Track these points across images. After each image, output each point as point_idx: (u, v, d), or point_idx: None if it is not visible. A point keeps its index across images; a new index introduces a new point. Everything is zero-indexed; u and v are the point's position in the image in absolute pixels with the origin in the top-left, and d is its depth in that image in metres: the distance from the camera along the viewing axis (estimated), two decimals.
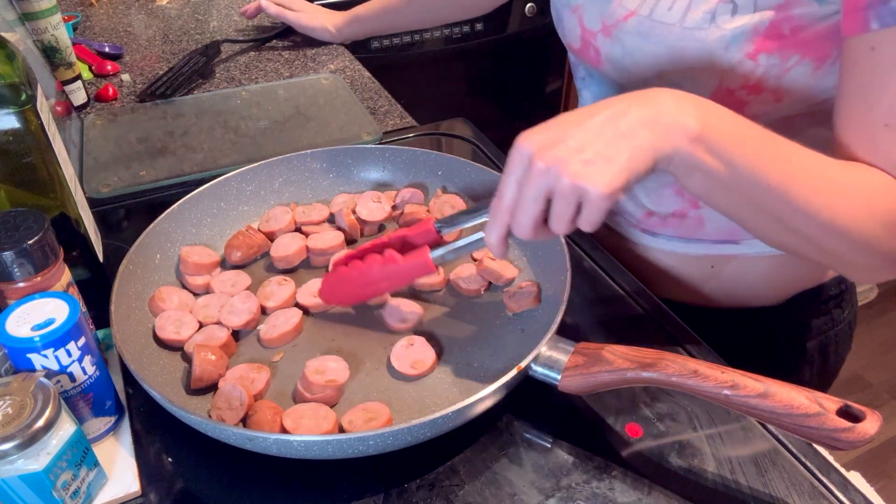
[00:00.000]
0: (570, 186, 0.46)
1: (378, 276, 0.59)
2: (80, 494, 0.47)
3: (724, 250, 0.72)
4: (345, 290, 0.62)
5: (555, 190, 0.47)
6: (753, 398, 0.45)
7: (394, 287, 0.62)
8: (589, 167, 0.46)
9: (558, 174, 0.46)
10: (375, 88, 1.08)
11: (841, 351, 0.81)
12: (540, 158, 0.47)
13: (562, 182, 0.46)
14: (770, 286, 0.74)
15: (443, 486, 0.50)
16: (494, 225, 0.51)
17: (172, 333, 0.59)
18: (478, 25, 1.70)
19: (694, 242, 0.72)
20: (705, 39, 0.58)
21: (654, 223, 0.74)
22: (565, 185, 0.46)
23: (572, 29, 0.70)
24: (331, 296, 0.63)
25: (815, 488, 0.49)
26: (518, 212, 0.49)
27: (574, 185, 0.46)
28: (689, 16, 0.58)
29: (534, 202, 0.48)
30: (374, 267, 0.59)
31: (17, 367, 0.47)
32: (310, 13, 1.19)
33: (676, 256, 0.74)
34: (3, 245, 0.47)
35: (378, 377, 0.57)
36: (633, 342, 0.52)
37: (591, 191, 0.46)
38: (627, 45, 0.63)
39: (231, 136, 0.93)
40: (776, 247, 0.56)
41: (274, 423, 0.51)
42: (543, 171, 0.47)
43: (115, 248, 0.68)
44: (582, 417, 0.55)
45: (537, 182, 0.47)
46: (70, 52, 0.96)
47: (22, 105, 0.53)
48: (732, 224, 0.70)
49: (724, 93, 0.60)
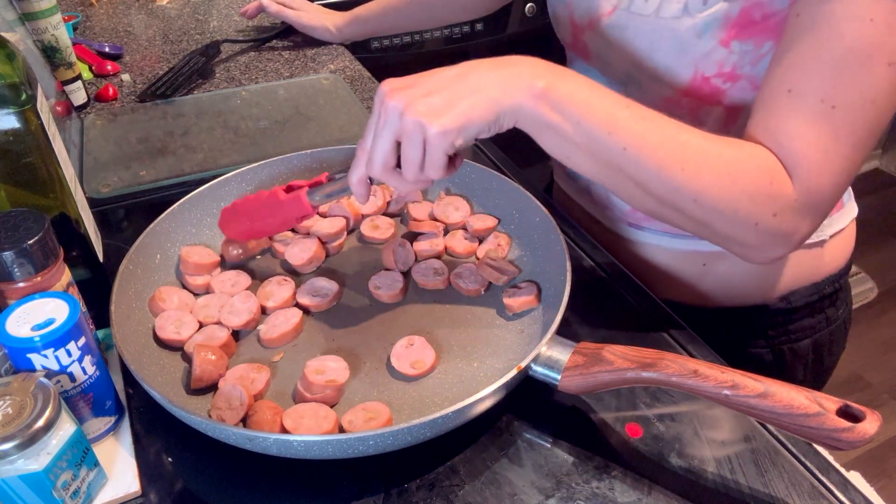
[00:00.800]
0: (412, 123, 0.50)
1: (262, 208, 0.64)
2: (80, 494, 0.47)
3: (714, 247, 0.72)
4: (239, 223, 0.66)
5: (401, 128, 0.51)
6: (753, 398, 0.45)
7: (280, 226, 0.65)
8: (430, 107, 0.50)
9: (402, 112, 0.50)
10: (375, 88, 1.08)
11: (835, 350, 0.81)
12: (390, 98, 0.51)
13: (405, 120, 0.50)
14: (764, 284, 0.74)
15: (443, 486, 0.50)
16: (354, 165, 0.55)
17: (172, 333, 0.59)
18: (478, 25, 1.70)
19: (680, 238, 0.73)
20: (679, 28, 0.60)
21: (639, 216, 0.75)
22: (407, 122, 0.50)
23: (565, 25, 0.73)
24: (227, 226, 0.67)
25: (815, 488, 0.49)
26: (371, 150, 0.53)
27: (415, 122, 0.50)
28: (664, 7, 0.61)
29: (384, 141, 0.52)
30: (260, 198, 0.64)
31: (17, 367, 0.46)
32: (310, 13, 1.19)
33: (668, 253, 0.75)
34: (3, 245, 0.47)
35: (378, 377, 0.57)
36: (633, 342, 0.52)
37: (427, 128, 0.49)
38: (609, 38, 0.66)
39: (231, 136, 0.93)
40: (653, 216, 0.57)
41: (274, 423, 0.51)
42: (391, 109, 0.51)
43: (115, 248, 0.68)
44: (582, 417, 0.55)
45: (386, 120, 0.51)
46: (70, 52, 0.96)
47: (22, 105, 0.53)
48: None
49: (701, 80, 0.62)
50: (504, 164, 0.86)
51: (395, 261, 0.68)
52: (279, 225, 0.64)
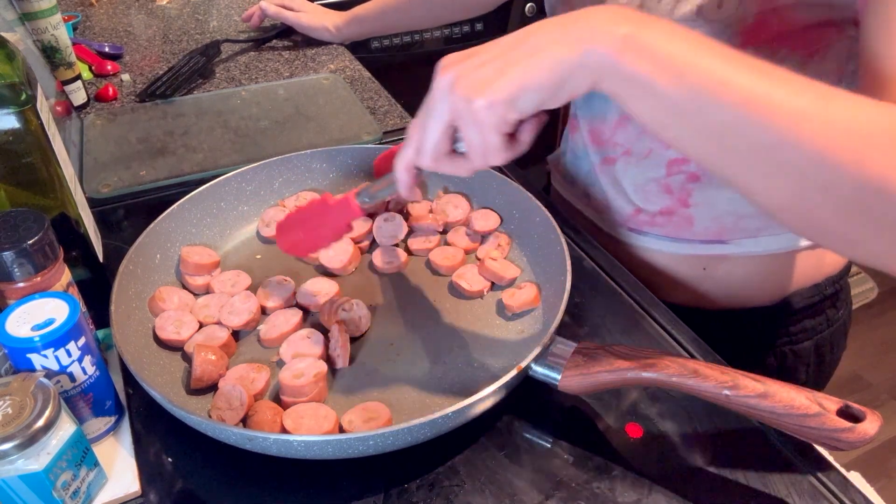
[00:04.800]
0: (460, 100, 0.43)
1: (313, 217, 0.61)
2: (80, 494, 0.47)
3: (714, 250, 0.72)
4: (295, 237, 0.64)
5: (451, 108, 0.44)
6: (753, 398, 0.45)
7: (334, 235, 0.62)
8: (478, 79, 0.42)
9: (453, 87, 0.43)
10: (375, 88, 1.08)
11: (836, 350, 0.81)
12: (443, 73, 0.44)
13: (454, 97, 0.43)
14: (765, 286, 0.74)
15: (443, 486, 0.50)
16: (402, 150, 0.48)
17: (172, 333, 0.59)
18: (478, 25, 1.70)
19: (683, 242, 0.73)
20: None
21: (642, 221, 0.74)
22: (456, 99, 0.43)
23: None
24: (285, 243, 0.64)
25: (815, 488, 0.49)
26: (422, 136, 0.46)
27: (462, 98, 0.43)
28: (679, 8, 0.58)
29: (436, 123, 0.45)
30: (311, 206, 0.62)
31: (17, 367, 0.46)
32: (310, 13, 1.19)
33: (668, 257, 0.74)
34: (3, 245, 0.47)
35: (378, 377, 0.57)
36: (633, 342, 0.52)
37: (473, 101, 0.42)
38: None
39: (231, 136, 0.93)
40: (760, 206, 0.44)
41: (274, 423, 0.51)
42: (444, 86, 0.44)
43: (115, 248, 0.68)
44: (582, 417, 0.55)
45: (437, 99, 0.45)
46: (70, 52, 0.96)
47: (22, 105, 0.53)
48: (722, 224, 0.70)
49: None
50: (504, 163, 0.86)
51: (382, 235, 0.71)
52: (331, 233, 0.61)
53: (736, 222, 0.70)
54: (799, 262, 0.72)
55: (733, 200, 0.69)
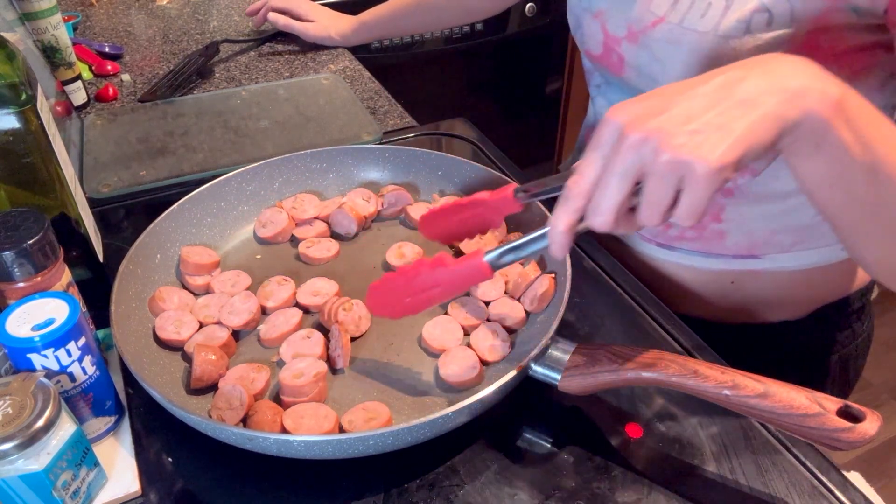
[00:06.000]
0: (671, 161, 0.38)
1: (427, 283, 0.53)
2: (80, 494, 0.47)
3: (746, 265, 0.70)
4: (393, 300, 0.55)
5: (650, 167, 0.39)
6: (753, 398, 0.45)
7: (447, 295, 0.54)
8: (696, 137, 0.38)
9: (657, 147, 0.38)
10: (375, 88, 1.08)
11: (860, 364, 0.79)
12: (634, 129, 0.39)
13: (660, 157, 0.38)
14: (794, 301, 0.72)
15: (443, 486, 0.50)
16: (565, 208, 0.42)
17: (172, 333, 0.59)
18: (478, 26, 1.70)
19: (713, 257, 0.70)
20: (740, 48, 0.55)
21: (671, 237, 0.71)
22: (664, 160, 0.38)
23: (593, 35, 0.68)
24: (379, 306, 0.57)
25: (815, 488, 0.49)
26: (599, 193, 0.41)
27: (676, 160, 0.38)
28: (723, 24, 0.56)
29: (621, 180, 0.40)
30: (422, 272, 0.53)
31: (17, 367, 0.46)
32: (317, 24, 1.17)
33: (694, 271, 0.72)
34: (3, 245, 0.47)
35: (378, 377, 0.57)
36: (634, 342, 0.52)
37: (696, 165, 0.37)
38: (655, 51, 0.61)
39: (231, 136, 0.93)
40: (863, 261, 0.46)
41: (274, 423, 0.51)
42: (637, 144, 0.39)
43: (115, 248, 0.68)
44: (582, 417, 0.55)
45: (628, 156, 0.39)
46: (70, 52, 0.96)
47: (22, 105, 0.53)
48: (754, 238, 0.67)
49: None
50: (503, 163, 0.86)
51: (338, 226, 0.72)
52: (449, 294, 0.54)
53: (769, 237, 0.68)
54: (830, 276, 0.71)
55: (767, 216, 0.67)
